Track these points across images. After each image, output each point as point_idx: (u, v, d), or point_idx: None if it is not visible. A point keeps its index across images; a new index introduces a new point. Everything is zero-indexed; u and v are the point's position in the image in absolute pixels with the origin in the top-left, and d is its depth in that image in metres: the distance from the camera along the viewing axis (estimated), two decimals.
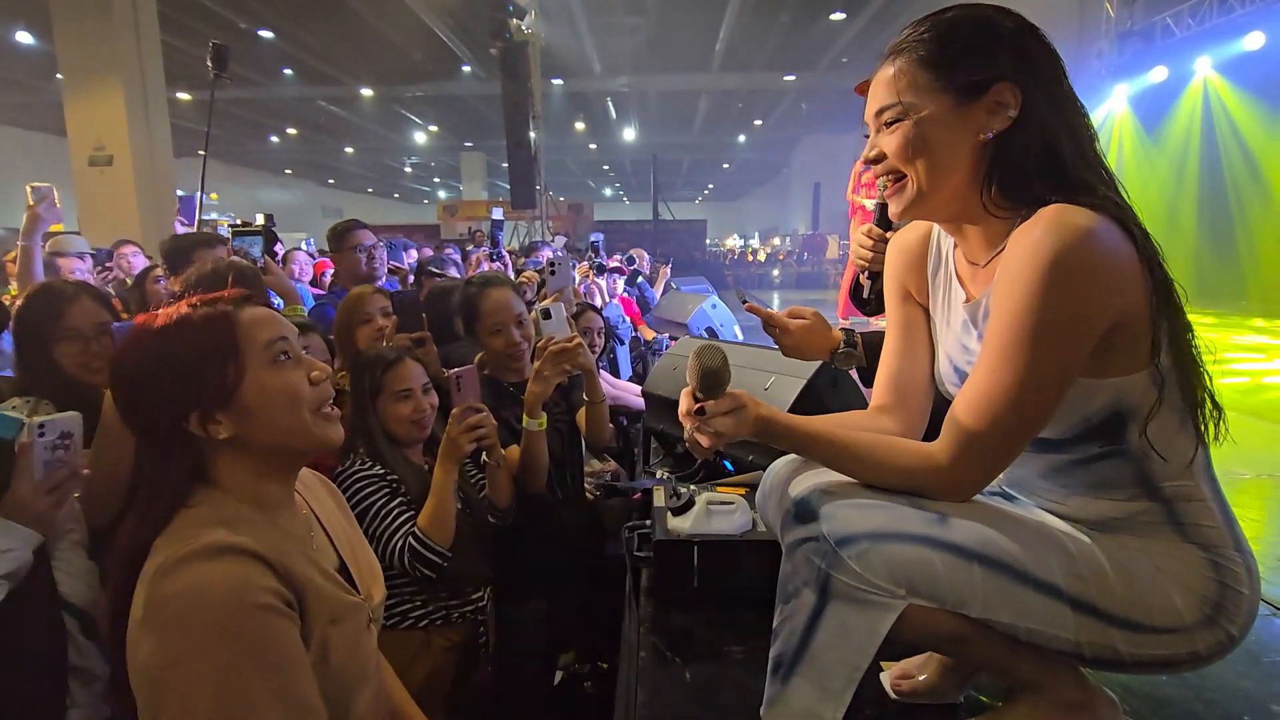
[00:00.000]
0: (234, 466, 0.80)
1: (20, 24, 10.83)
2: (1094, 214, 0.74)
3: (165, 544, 0.73)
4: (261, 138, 20.60)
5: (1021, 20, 0.83)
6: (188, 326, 0.79)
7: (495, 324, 1.71)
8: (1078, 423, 0.81)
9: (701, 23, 12.37)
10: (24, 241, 2.23)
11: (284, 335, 0.82)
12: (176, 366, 0.77)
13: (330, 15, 11.17)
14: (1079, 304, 0.74)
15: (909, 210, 0.87)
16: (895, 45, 0.85)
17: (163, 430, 0.78)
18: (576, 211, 18.05)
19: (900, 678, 1.06)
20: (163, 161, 9.41)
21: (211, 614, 0.67)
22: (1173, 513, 0.82)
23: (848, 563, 0.78)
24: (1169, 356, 0.78)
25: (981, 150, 0.82)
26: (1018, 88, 0.80)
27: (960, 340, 0.92)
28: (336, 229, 2.64)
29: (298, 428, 0.81)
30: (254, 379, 0.79)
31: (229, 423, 0.78)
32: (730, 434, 0.86)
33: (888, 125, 0.84)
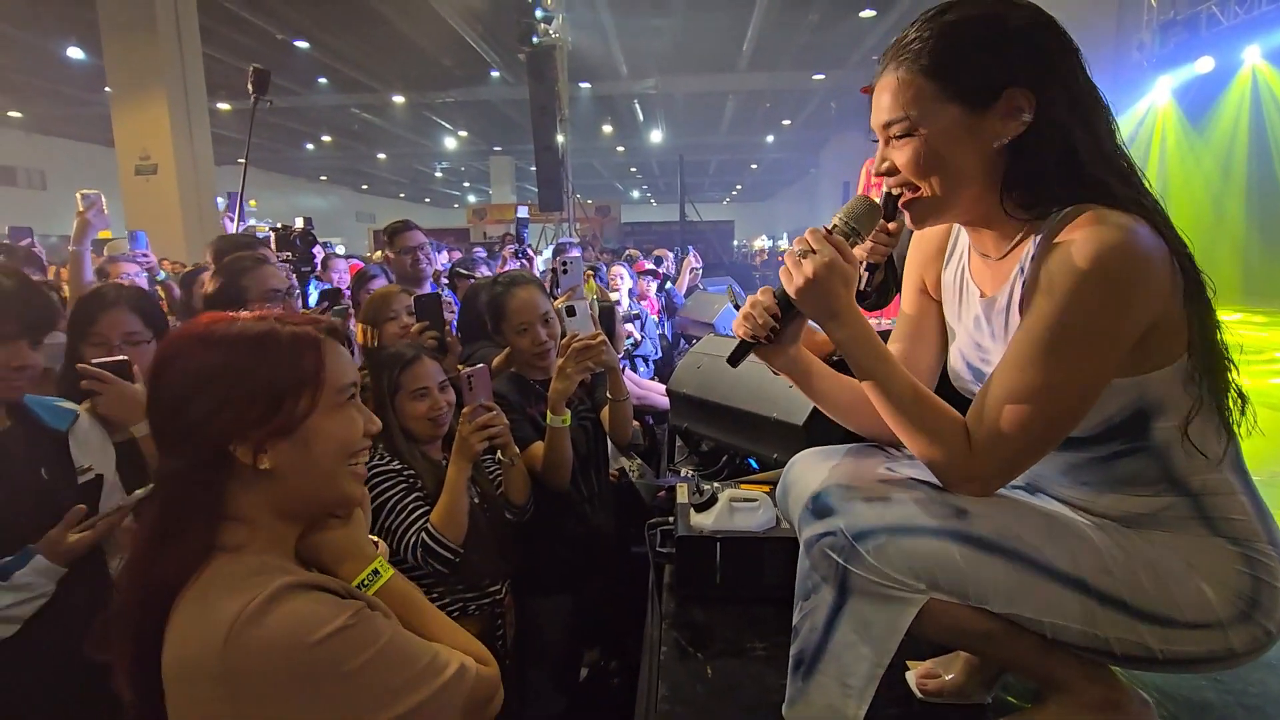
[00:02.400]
0: (264, 505, 0.73)
1: (72, 39, 11.29)
2: (1130, 217, 0.73)
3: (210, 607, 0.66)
4: (298, 145, 21.11)
5: (1032, 11, 0.78)
6: (273, 342, 0.71)
7: (521, 323, 1.73)
8: (1100, 421, 0.80)
9: (729, 23, 12.32)
10: (74, 247, 2.33)
11: (355, 380, 0.78)
12: (244, 380, 0.70)
13: (363, 24, 11.40)
14: (1118, 310, 0.73)
15: (928, 220, 0.85)
16: (897, 50, 0.80)
17: (203, 449, 0.70)
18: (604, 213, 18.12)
19: (926, 677, 1.05)
20: (204, 170, 9.72)
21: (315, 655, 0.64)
22: (1200, 507, 0.80)
23: (866, 557, 0.77)
24: (1199, 350, 0.77)
25: (997, 156, 0.79)
26: (1031, 91, 0.76)
27: (973, 337, 0.90)
28: (389, 229, 2.77)
29: (332, 476, 0.75)
30: (321, 418, 0.73)
31: (276, 455, 0.71)
32: (824, 279, 0.79)
33: (896, 138, 0.81)
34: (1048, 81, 0.77)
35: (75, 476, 1.28)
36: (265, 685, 0.63)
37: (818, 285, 0.81)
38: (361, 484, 0.81)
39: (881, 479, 0.84)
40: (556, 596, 1.73)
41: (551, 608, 1.72)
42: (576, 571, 1.75)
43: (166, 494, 0.72)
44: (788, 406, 1.75)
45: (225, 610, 0.64)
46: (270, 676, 0.63)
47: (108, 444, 1.37)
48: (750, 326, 0.87)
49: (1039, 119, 0.77)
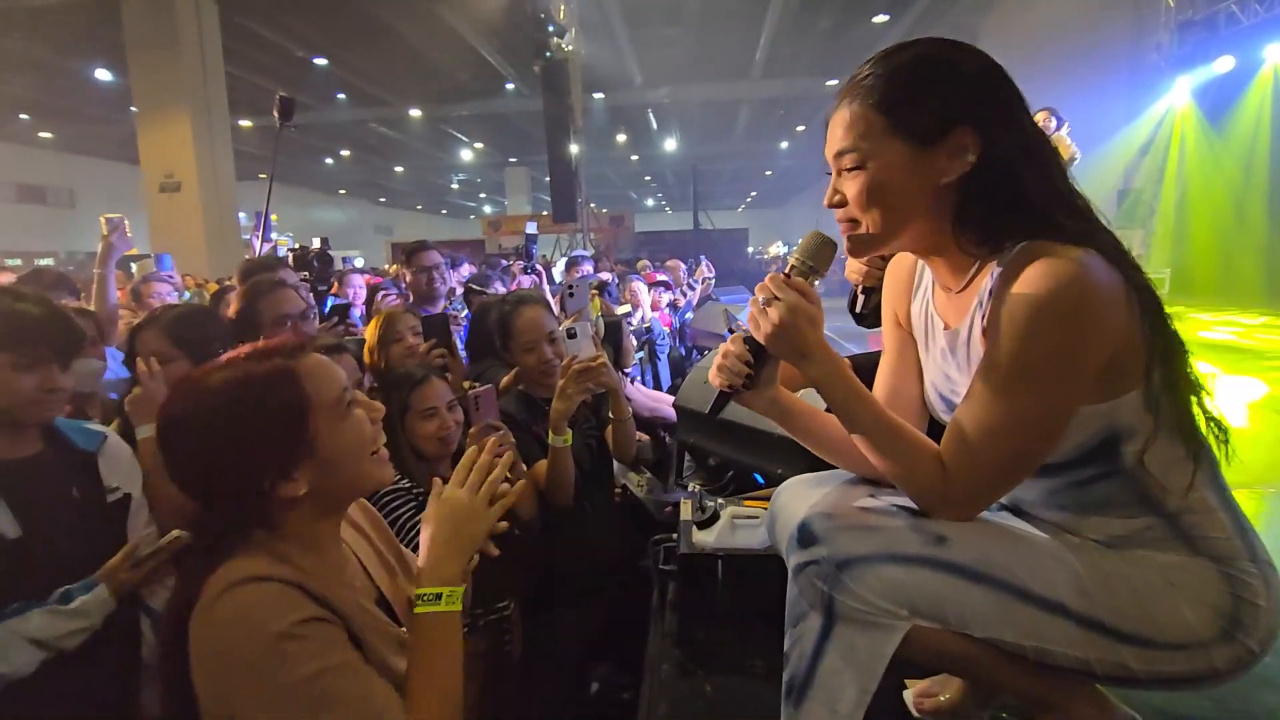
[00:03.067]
0: (299, 514, 0.79)
1: (100, 60, 11.63)
2: (1080, 250, 0.74)
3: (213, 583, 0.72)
4: (317, 160, 21.49)
5: (983, 58, 0.81)
6: (253, 386, 0.76)
7: (528, 342, 1.77)
8: (1073, 447, 0.81)
9: (741, 31, 12.37)
10: (99, 270, 2.40)
11: (345, 385, 0.82)
12: (247, 432, 0.74)
13: (380, 41, 11.62)
14: (1075, 342, 0.74)
15: (864, 251, 0.87)
16: (852, 84, 0.83)
17: (233, 495, 0.76)
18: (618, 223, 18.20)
19: (923, 696, 1.06)
20: (226, 186, 9.95)
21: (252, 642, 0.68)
22: (1179, 526, 0.81)
23: (849, 585, 0.79)
24: (1160, 374, 0.78)
25: (943, 193, 0.81)
26: (976, 131, 0.78)
27: (942, 369, 0.92)
28: (407, 249, 2.87)
29: (359, 474, 0.83)
30: (328, 433, 0.78)
31: (305, 478, 0.77)
32: (790, 323, 0.81)
33: (848, 170, 0.83)
34: (995, 123, 0.79)
35: (105, 496, 1.32)
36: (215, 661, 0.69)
37: (785, 330, 0.82)
38: (388, 465, 0.86)
39: (864, 507, 0.86)
40: (563, 612, 1.75)
41: (558, 623, 1.74)
42: (583, 587, 1.77)
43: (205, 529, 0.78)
44: None
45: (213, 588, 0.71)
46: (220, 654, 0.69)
47: (135, 464, 1.42)
48: (726, 377, 0.89)
49: (985, 159, 0.79)
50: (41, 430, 1.28)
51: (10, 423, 1.23)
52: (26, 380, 1.21)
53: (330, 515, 0.84)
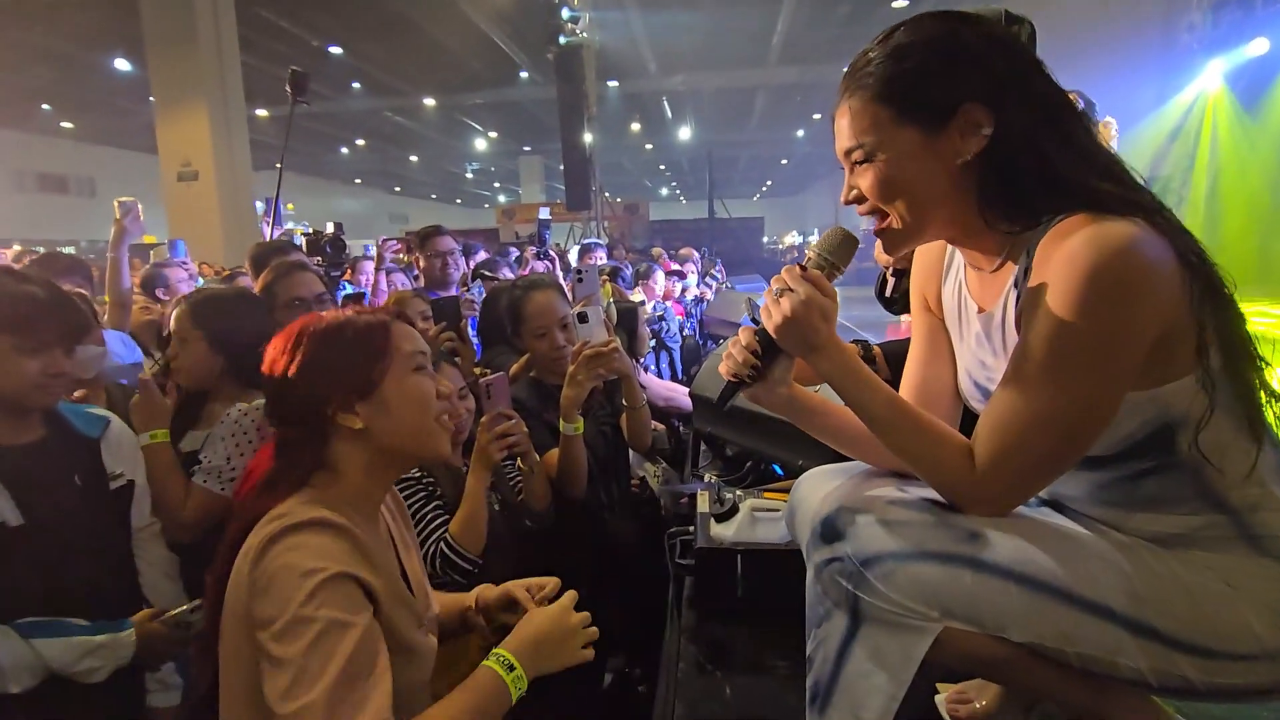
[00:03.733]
0: (354, 458, 0.87)
1: (119, 51, 11.72)
2: (1127, 222, 0.68)
3: (271, 519, 0.80)
4: (333, 149, 21.58)
5: (981, 28, 0.76)
6: (351, 326, 0.88)
7: (539, 327, 1.72)
8: (1121, 439, 0.74)
9: (758, 16, 12.19)
10: (112, 254, 2.39)
11: (424, 350, 0.93)
12: (332, 357, 0.86)
13: (395, 30, 11.59)
14: (1123, 321, 0.68)
15: (900, 247, 0.82)
16: (850, 76, 0.79)
17: (306, 416, 0.86)
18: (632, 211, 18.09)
19: (958, 702, 1.00)
20: (242, 175, 9.99)
21: (307, 582, 0.74)
22: (1243, 524, 0.74)
23: (874, 584, 0.74)
24: (1218, 356, 0.71)
25: (963, 173, 0.77)
26: (986, 105, 0.74)
27: (976, 355, 0.86)
28: (420, 233, 2.79)
29: (423, 429, 0.90)
30: (395, 379, 0.88)
31: (365, 413, 0.86)
32: (802, 316, 0.78)
33: (858, 164, 0.79)
34: (1003, 93, 0.74)
35: (108, 483, 1.30)
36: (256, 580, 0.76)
37: (796, 322, 0.79)
38: (447, 438, 0.94)
39: (891, 500, 0.80)
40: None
41: None
42: (597, 578, 1.72)
43: (282, 455, 0.88)
44: None
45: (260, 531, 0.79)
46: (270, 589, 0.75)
47: (138, 451, 1.40)
48: (732, 366, 0.86)
49: (1001, 131, 0.74)
50: (44, 415, 1.26)
51: (12, 408, 1.20)
52: (30, 364, 1.19)
53: (380, 473, 0.90)
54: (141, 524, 1.37)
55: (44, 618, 1.15)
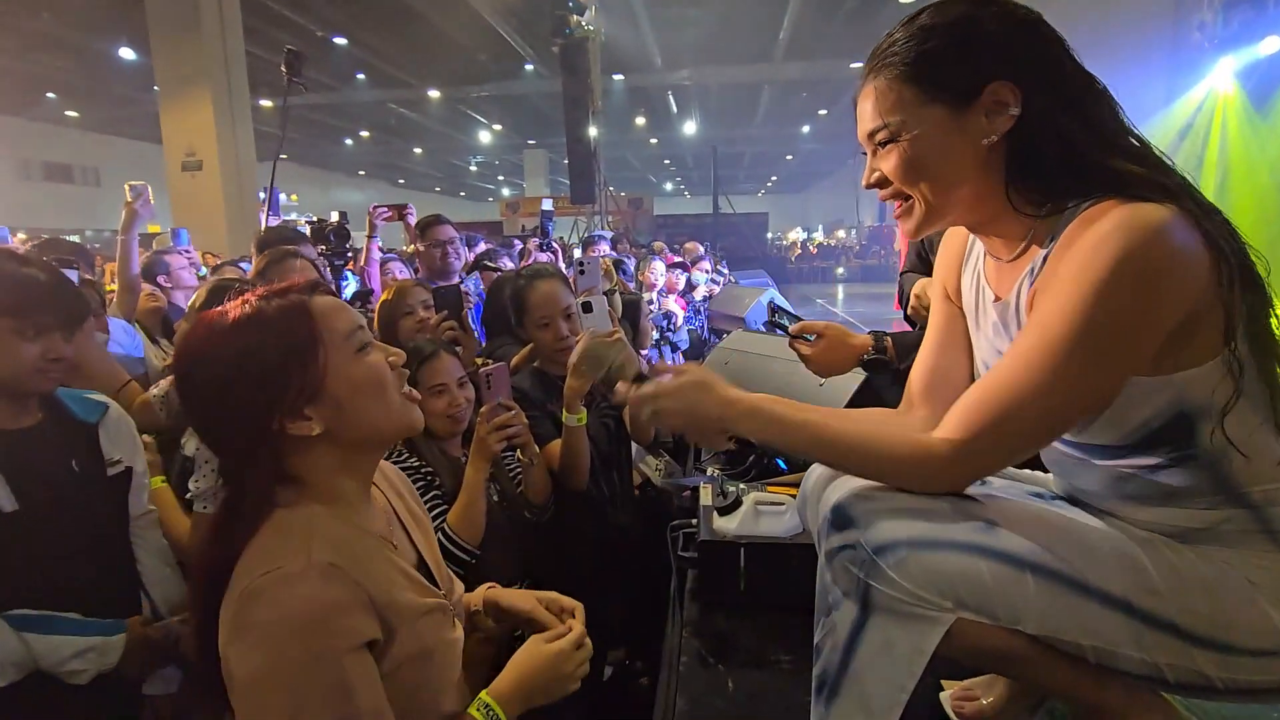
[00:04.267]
0: (317, 462, 0.77)
1: (123, 40, 11.68)
2: (1159, 208, 0.66)
3: (252, 557, 0.71)
4: (337, 141, 21.55)
5: (1006, 6, 0.75)
6: (264, 321, 0.75)
7: (543, 317, 1.70)
8: (1136, 427, 0.72)
9: (764, 11, 12.11)
10: (123, 236, 2.38)
11: (360, 324, 0.81)
12: (258, 366, 0.73)
13: (400, 20, 11.55)
14: (1146, 307, 0.66)
15: (922, 229, 0.81)
16: (874, 58, 0.78)
17: (246, 435, 0.74)
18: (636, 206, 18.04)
19: (963, 699, 0.99)
20: (247, 165, 9.97)
21: (288, 649, 0.67)
22: (1264, 518, 0.72)
23: (887, 572, 0.72)
24: (1246, 342, 0.69)
25: (989, 154, 0.75)
26: (1014, 83, 0.73)
27: (993, 344, 0.84)
28: (420, 223, 2.76)
29: (388, 413, 0.79)
30: (339, 370, 0.76)
31: (319, 418, 0.75)
32: (672, 413, 0.82)
33: (882, 146, 0.78)
34: (1030, 72, 0.73)
35: (105, 469, 1.29)
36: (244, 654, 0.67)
37: (684, 427, 0.83)
38: (416, 409, 0.84)
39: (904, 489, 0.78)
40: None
41: None
42: (598, 571, 1.72)
43: (231, 484, 0.76)
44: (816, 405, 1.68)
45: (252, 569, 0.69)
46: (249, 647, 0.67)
47: (136, 437, 1.39)
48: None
49: (1028, 110, 0.73)
50: (41, 400, 1.24)
51: (10, 392, 1.19)
52: (29, 349, 1.17)
53: (354, 468, 0.81)
54: (139, 511, 1.36)
55: (39, 611, 1.14)
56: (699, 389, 0.82)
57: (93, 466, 1.28)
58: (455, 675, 0.86)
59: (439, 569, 0.92)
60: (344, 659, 0.69)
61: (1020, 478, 0.94)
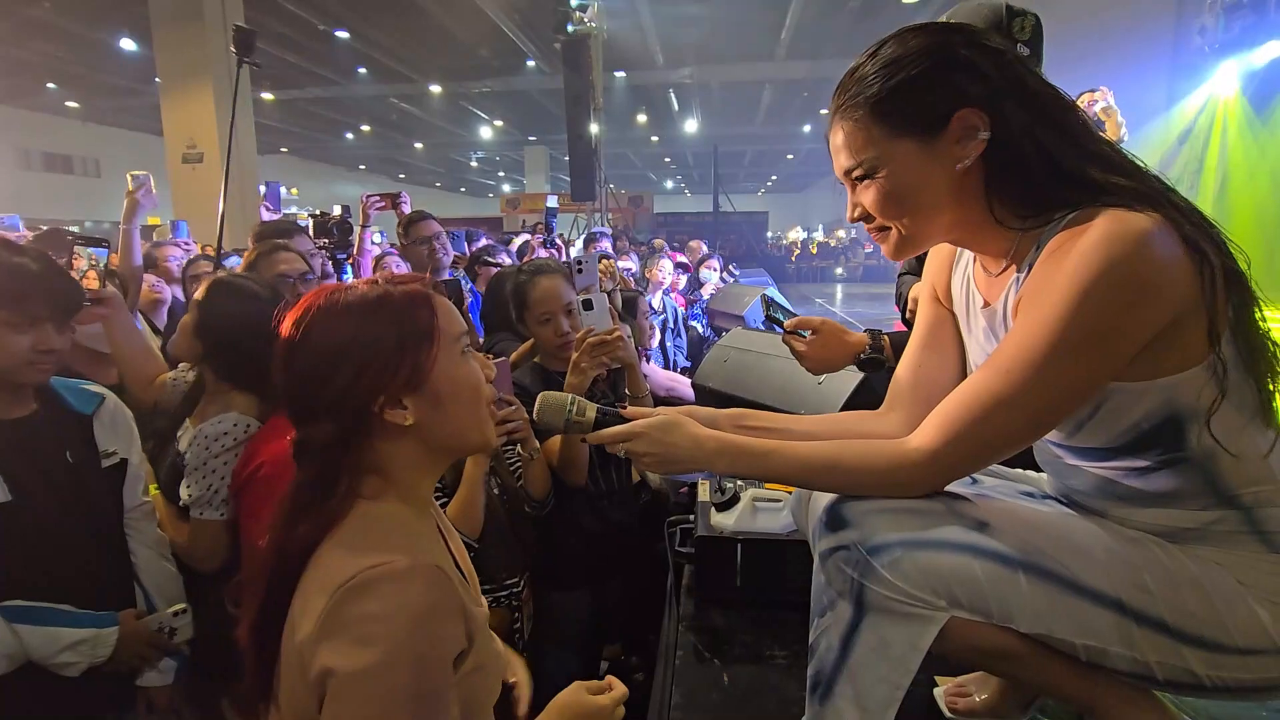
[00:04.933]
0: (401, 456, 0.76)
1: (124, 31, 11.65)
2: (1144, 216, 0.67)
3: (347, 547, 0.69)
4: (338, 135, 21.50)
5: (965, 33, 0.76)
6: (391, 305, 0.75)
7: (544, 313, 1.70)
8: (1126, 429, 0.73)
9: (767, 10, 12.09)
10: (125, 226, 2.38)
11: (466, 330, 0.81)
12: (376, 344, 0.73)
13: (402, 15, 11.51)
14: (1128, 317, 0.67)
15: (905, 253, 0.83)
16: (838, 98, 0.80)
17: (348, 412, 0.73)
18: (636, 204, 18.04)
19: (956, 695, 1.00)
20: (247, 158, 9.94)
21: (397, 647, 0.64)
22: (1254, 520, 0.73)
23: (881, 572, 0.73)
24: (1231, 344, 0.70)
25: (965, 178, 0.77)
26: (980, 108, 0.74)
27: (983, 348, 0.85)
28: (404, 220, 2.73)
29: (476, 421, 0.79)
30: (445, 368, 0.76)
31: (415, 409, 0.74)
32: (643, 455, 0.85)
33: (859, 181, 0.80)
34: (996, 95, 0.74)
35: (99, 460, 1.29)
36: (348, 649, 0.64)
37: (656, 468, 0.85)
38: (493, 428, 0.84)
39: None
40: (575, 591, 1.71)
41: (570, 602, 1.70)
42: (596, 567, 1.73)
43: (313, 463, 0.74)
44: (815, 403, 1.69)
45: (350, 562, 0.67)
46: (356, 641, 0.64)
47: (133, 428, 1.39)
48: None
49: (1000, 131, 0.74)
50: (36, 390, 1.23)
51: (1, 383, 1.18)
52: (19, 340, 1.16)
53: (432, 471, 0.81)
54: (134, 503, 1.35)
55: (31, 603, 1.13)
56: (667, 430, 0.84)
57: (87, 458, 1.27)
58: (498, 688, 0.85)
59: (471, 576, 0.90)
60: (443, 666, 0.67)
61: (1013, 477, 0.95)
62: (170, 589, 1.37)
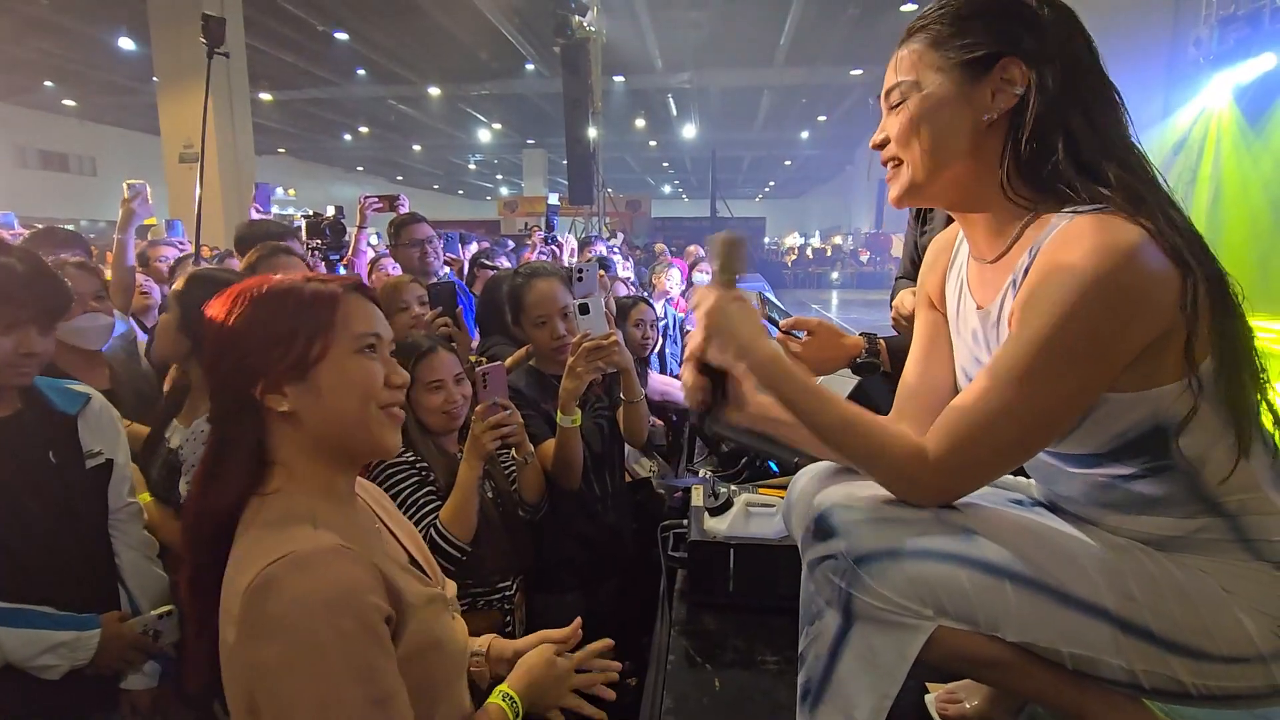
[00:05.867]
0: (294, 448, 0.77)
1: (123, 30, 11.63)
2: (1138, 230, 0.68)
3: (255, 542, 0.71)
4: (335, 136, 21.49)
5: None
6: (294, 295, 0.78)
7: (540, 315, 1.70)
8: (1113, 437, 0.74)
9: (766, 16, 12.15)
10: (119, 235, 2.37)
11: (377, 332, 0.82)
12: (264, 330, 0.76)
13: (402, 16, 11.53)
14: (1117, 330, 0.68)
15: (905, 196, 0.83)
16: (908, 29, 0.81)
17: (233, 391, 0.77)
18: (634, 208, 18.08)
19: (947, 701, 1.00)
20: (244, 158, 9.93)
21: (317, 633, 0.65)
22: (1239, 528, 0.73)
23: (868, 582, 0.73)
24: (1213, 361, 0.70)
25: (986, 133, 0.77)
26: (1026, 63, 0.74)
27: (972, 352, 0.85)
28: (395, 222, 2.72)
29: (360, 421, 0.78)
30: (334, 360, 0.77)
31: (294, 398, 0.76)
32: (719, 323, 0.81)
33: (893, 107, 0.81)
34: (1047, 57, 0.74)
35: (84, 461, 1.27)
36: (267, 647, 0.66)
37: (715, 330, 0.82)
38: (398, 432, 0.84)
39: (886, 498, 0.79)
40: (568, 595, 1.70)
41: (562, 606, 1.69)
42: (589, 570, 1.72)
43: (214, 436, 0.79)
44: None
45: (257, 559, 0.69)
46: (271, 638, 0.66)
47: (119, 429, 1.37)
48: (691, 400, 0.87)
49: (1032, 94, 0.74)
50: (19, 390, 1.22)
51: None
52: (1, 343, 1.15)
53: (338, 466, 0.81)
54: (119, 504, 1.34)
55: (10, 605, 1.12)
56: (745, 314, 0.82)
57: (71, 458, 1.26)
58: (464, 667, 0.86)
59: (430, 565, 0.92)
60: (370, 635, 0.68)
61: (1001, 484, 0.95)
62: (155, 591, 1.36)
